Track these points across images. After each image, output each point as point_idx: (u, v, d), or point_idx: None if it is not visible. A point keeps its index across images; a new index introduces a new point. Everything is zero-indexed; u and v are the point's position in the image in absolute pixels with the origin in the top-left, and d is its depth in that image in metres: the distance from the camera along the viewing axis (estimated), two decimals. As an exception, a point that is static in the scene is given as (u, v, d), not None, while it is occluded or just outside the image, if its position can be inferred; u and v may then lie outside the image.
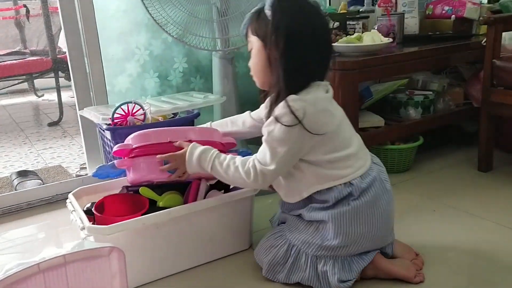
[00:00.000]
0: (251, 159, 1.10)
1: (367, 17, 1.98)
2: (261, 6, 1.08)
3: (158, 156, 1.16)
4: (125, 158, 1.24)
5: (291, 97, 1.03)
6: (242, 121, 1.38)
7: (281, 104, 1.03)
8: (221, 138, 1.30)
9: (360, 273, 1.12)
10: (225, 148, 1.30)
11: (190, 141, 1.19)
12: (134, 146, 1.24)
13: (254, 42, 1.11)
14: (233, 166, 1.11)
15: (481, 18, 1.91)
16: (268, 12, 1.05)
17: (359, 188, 1.08)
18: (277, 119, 1.04)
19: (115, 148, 1.27)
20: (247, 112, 1.39)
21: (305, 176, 1.10)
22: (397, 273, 1.14)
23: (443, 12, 2.11)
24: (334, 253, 1.10)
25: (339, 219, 1.07)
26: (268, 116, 1.07)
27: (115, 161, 1.27)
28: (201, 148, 1.14)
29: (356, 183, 1.08)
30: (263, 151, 1.09)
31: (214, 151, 1.14)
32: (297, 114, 1.01)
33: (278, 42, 1.03)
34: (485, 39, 1.73)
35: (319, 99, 1.07)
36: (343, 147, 1.10)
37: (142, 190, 1.25)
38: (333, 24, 1.94)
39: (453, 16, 2.05)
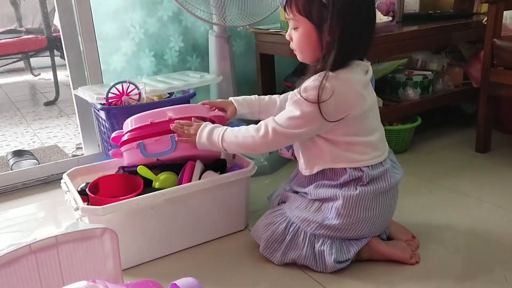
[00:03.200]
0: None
1: (367, -5, 1.94)
2: None
3: (171, 125, 1.20)
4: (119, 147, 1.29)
5: (327, 74, 1.02)
6: (273, 104, 1.32)
7: (315, 77, 1.03)
8: (207, 113, 1.28)
9: (355, 254, 1.12)
10: (214, 123, 1.29)
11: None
12: (124, 133, 1.28)
13: (302, 23, 1.06)
14: (244, 128, 1.14)
15: (482, -4, 1.88)
16: None
17: (369, 175, 1.08)
18: (301, 91, 1.04)
19: (112, 135, 1.33)
20: (276, 96, 1.34)
21: (321, 152, 1.11)
22: (392, 255, 1.14)
23: (444, -10, 2.07)
24: (333, 234, 1.10)
25: (345, 200, 1.07)
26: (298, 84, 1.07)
27: (110, 152, 1.34)
28: (211, 126, 1.19)
29: (366, 171, 1.08)
30: (282, 114, 1.09)
31: (225, 127, 1.18)
32: (322, 93, 1.01)
33: (334, 28, 1.01)
34: (486, 18, 1.70)
35: (353, 80, 1.05)
36: (365, 134, 1.10)
37: (140, 169, 1.24)
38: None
39: (454, -6, 2.02)
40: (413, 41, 1.76)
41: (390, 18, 1.73)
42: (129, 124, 1.28)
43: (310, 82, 1.03)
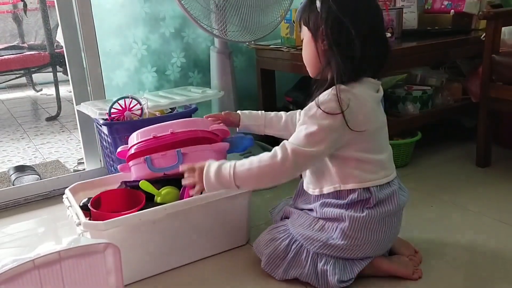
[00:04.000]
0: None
1: (366, 11, 1.97)
2: None
3: (181, 167, 1.14)
4: (127, 162, 1.31)
5: (340, 86, 1.01)
6: (278, 119, 1.31)
7: (328, 91, 1.02)
8: (208, 127, 1.30)
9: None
10: (218, 137, 1.31)
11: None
12: (128, 148, 1.30)
13: (305, 33, 1.10)
14: (256, 159, 1.05)
15: (480, 12, 1.90)
16: (318, 3, 1.03)
17: (376, 197, 1.06)
18: (319, 104, 1.01)
19: (118, 150, 1.34)
20: (282, 112, 1.33)
21: (329, 171, 1.09)
22: (395, 271, 1.14)
23: (442, 6, 2.09)
24: (337, 253, 1.09)
25: (351, 222, 1.06)
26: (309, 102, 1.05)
27: (118, 166, 1.35)
28: (218, 163, 1.09)
29: (374, 191, 1.06)
30: (297, 133, 1.05)
31: (232, 161, 1.09)
32: (342, 103, 0.99)
33: (326, 35, 1.02)
34: (484, 34, 1.72)
35: (366, 96, 1.05)
36: (376, 152, 1.08)
37: (142, 184, 1.25)
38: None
39: (452, 10, 2.04)
40: (412, 57, 1.78)
41: (389, 34, 1.75)
42: (134, 138, 1.29)
43: (326, 96, 1.02)
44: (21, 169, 2.00)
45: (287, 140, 1.06)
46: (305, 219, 1.15)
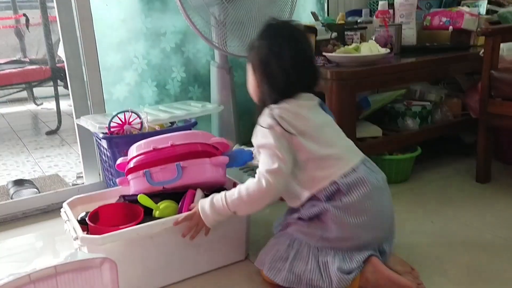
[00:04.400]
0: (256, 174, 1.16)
1: (365, 27, 1.99)
2: (259, 35, 1.24)
3: (175, 220, 1.18)
4: (126, 176, 1.31)
5: (271, 106, 1.18)
6: None
7: (264, 113, 1.18)
8: (208, 140, 1.30)
9: (361, 265, 1.11)
10: (218, 151, 1.31)
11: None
12: (128, 159, 1.30)
13: (248, 67, 1.26)
14: (244, 187, 1.15)
15: (479, 29, 1.92)
16: (257, 40, 1.22)
17: (345, 184, 1.13)
18: (260, 125, 1.17)
19: (117, 161, 1.34)
20: None
21: (298, 186, 1.17)
22: (399, 281, 1.11)
23: (441, 23, 2.11)
24: (334, 245, 1.13)
25: (335, 210, 1.12)
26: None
27: (117, 180, 1.36)
28: (209, 198, 1.18)
29: (340, 181, 1.13)
30: (262, 159, 1.16)
31: (222, 192, 1.18)
32: (275, 117, 1.14)
33: (259, 66, 1.20)
34: (483, 50, 1.73)
35: (297, 105, 1.18)
36: (326, 147, 1.17)
37: (140, 198, 1.25)
38: (331, 35, 1.95)
39: (450, 27, 2.06)
40: (411, 72, 1.79)
41: (388, 50, 1.76)
42: (133, 150, 1.29)
43: (262, 118, 1.18)
44: (20, 183, 1.99)
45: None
46: (300, 221, 1.19)
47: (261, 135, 1.16)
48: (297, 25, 1.26)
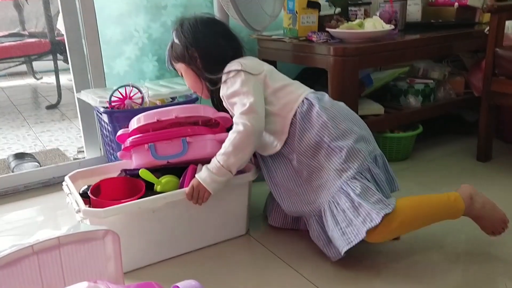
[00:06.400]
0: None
1: (369, 3, 1.96)
2: (171, 41, 1.36)
3: (186, 193, 1.19)
4: (124, 148, 1.30)
5: (226, 66, 1.26)
6: None
7: (224, 73, 1.25)
8: (212, 114, 1.30)
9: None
10: (221, 125, 1.31)
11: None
12: (130, 131, 1.28)
13: (180, 67, 1.35)
14: (227, 139, 1.18)
15: (484, 6, 1.89)
16: (176, 40, 1.33)
17: (314, 98, 1.23)
18: (226, 80, 1.24)
19: (118, 133, 1.32)
20: None
21: (275, 115, 1.23)
22: (498, 207, 1.22)
23: (446, -1, 2.08)
24: (359, 156, 1.16)
25: (327, 130, 1.19)
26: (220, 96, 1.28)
27: (118, 153, 1.34)
28: (204, 167, 1.19)
29: (310, 96, 1.23)
30: (235, 107, 1.22)
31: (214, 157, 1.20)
32: (236, 67, 1.23)
33: (193, 54, 1.30)
34: (488, 27, 1.71)
35: (246, 58, 1.31)
36: (286, 79, 1.30)
37: (142, 173, 1.25)
38: (335, 10, 1.92)
39: (456, 3, 2.02)
40: (415, 50, 1.77)
41: (393, 27, 1.73)
42: (136, 122, 1.28)
43: (225, 75, 1.25)
44: (20, 156, 1.99)
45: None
46: (318, 175, 1.20)
47: (228, 85, 1.23)
48: (198, 15, 1.36)
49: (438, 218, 1.18)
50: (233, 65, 1.25)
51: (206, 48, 1.30)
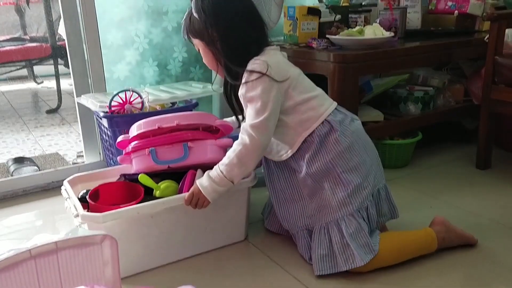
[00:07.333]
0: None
1: (369, 10, 1.96)
2: (189, 10, 1.22)
3: (185, 199, 1.18)
4: (125, 154, 1.29)
5: (253, 60, 1.15)
6: None
7: (248, 68, 1.15)
8: (213, 121, 1.30)
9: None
10: (221, 132, 1.31)
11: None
12: (130, 137, 1.28)
13: (197, 43, 1.24)
14: (231, 150, 1.16)
15: (484, 14, 1.89)
16: (195, 14, 1.19)
17: (336, 122, 1.17)
18: (247, 82, 1.14)
19: (118, 139, 1.32)
20: None
21: (290, 127, 1.18)
22: (466, 234, 1.27)
23: (446, 7, 2.08)
24: (362, 194, 1.15)
25: (340, 157, 1.15)
26: (236, 86, 1.20)
27: (118, 158, 1.33)
28: (205, 174, 1.18)
29: (331, 120, 1.17)
30: (248, 113, 1.16)
31: (216, 165, 1.18)
32: (260, 69, 1.13)
33: (212, 34, 1.17)
34: (488, 35, 1.72)
35: (273, 55, 1.19)
36: (310, 90, 1.21)
37: (141, 178, 1.24)
38: (335, 17, 1.92)
39: (456, 11, 2.03)
40: (414, 57, 1.77)
41: (393, 34, 1.74)
42: (136, 128, 1.28)
43: (247, 73, 1.14)
44: (20, 160, 1.99)
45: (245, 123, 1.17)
46: (319, 201, 1.19)
47: (248, 88, 1.14)
48: None
49: (412, 257, 1.21)
50: (257, 64, 1.14)
51: (228, 29, 1.17)
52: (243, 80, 1.15)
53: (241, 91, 1.17)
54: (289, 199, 1.24)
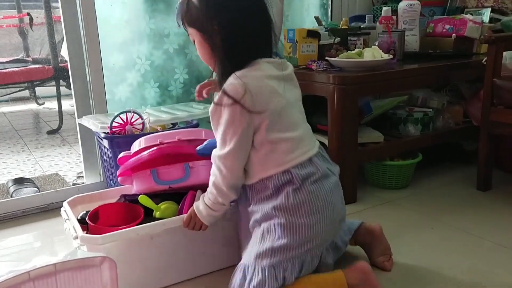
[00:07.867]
0: None
1: (368, 33, 1.99)
2: None
3: (183, 221, 1.17)
4: (126, 174, 1.30)
5: (235, 75, 1.01)
6: None
7: (226, 83, 1.02)
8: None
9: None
10: None
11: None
12: (132, 153, 1.28)
13: (194, 34, 1.10)
14: (211, 177, 1.12)
15: (482, 37, 1.92)
16: (196, 1, 1.05)
17: (298, 176, 1.03)
18: (217, 103, 1.02)
19: (119, 155, 1.33)
20: None
21: (251, 162, 1.07)
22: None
23: (444, 30, 2.11)
24: (287, 255, 1.03)
25: (284, 211, 1.03)
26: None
27: (118, 179, 1.33)
28: (201, 198, 1.16)
29: (294, 172, 1.04)
30: (217, 139, 1.07)
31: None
32: (234, 94, 0.99)
33: (212, 27, 1.03)
34: (485, 58, 1.74)
35: (263, 76, 1.04)
36: (289, 130, 1.06)
37: (141, 199, 1.24)
38: (334, 39, 1.95)
39: (454, 34, 2.06)
40: (413, 79, 1.79)
41: (391, 56, 1.76)
42: (138, 144, 1.28)
43: (222, 91, 1.02)
44: (20, 181, 1.99)
45: None
46: (252, 239, 1.10)
47: (217, 111, 1.03)
48: None
49: None
50: (233, 86, 1.00)
51: (232, 24, 1.03)
52: (214, 98, 1.03)
53: (210, 109, 1.05)
54: (244, 223, 1.17)
